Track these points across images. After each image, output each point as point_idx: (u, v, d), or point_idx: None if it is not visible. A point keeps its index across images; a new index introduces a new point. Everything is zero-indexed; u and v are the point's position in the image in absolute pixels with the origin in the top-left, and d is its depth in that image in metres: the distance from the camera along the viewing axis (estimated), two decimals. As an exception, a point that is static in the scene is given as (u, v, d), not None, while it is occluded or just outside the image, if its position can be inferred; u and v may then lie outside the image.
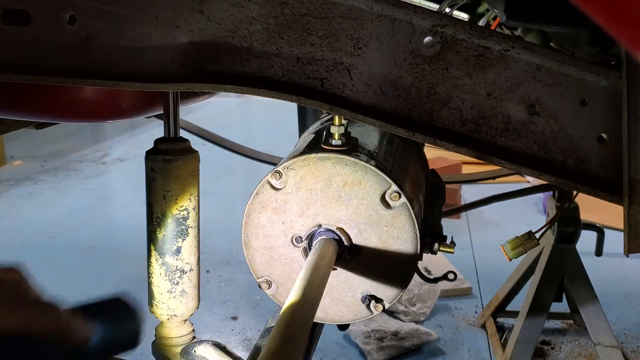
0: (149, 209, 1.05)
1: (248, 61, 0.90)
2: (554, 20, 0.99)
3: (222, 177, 4.75)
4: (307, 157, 0.94)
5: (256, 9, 0.88)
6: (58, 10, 0.88)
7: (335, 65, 0.89)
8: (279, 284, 0.99)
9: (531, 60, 0.88)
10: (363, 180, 0.93)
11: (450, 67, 0.88)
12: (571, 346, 2.55)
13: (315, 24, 0.88)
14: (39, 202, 4.44)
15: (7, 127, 1.55)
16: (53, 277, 3.10)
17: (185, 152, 1.03)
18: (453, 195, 3.94)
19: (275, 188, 0.95)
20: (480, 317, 2.71)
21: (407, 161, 1.13)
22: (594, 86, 0.88)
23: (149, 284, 1.09)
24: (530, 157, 0.91)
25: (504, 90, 0.89)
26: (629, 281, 3.11)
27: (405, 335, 2.50)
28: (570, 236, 2.29)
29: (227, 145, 2.66)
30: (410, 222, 0.93)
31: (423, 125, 0.90)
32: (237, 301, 2.91)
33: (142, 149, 1.14)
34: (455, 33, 0.87)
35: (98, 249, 3.52)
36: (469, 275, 3.10)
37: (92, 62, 0.90)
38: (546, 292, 2.32)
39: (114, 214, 4.29)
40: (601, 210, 2.74)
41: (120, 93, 1.20)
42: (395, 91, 0.90)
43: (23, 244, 3.56)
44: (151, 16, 0.88)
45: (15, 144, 5.68)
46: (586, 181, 0.91)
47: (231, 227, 1.51)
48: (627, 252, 0.90)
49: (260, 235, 0.98)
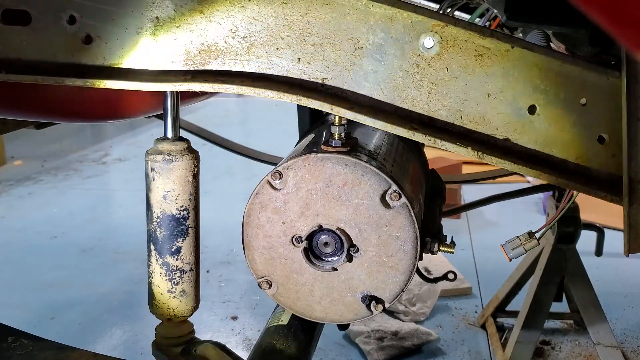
0: (149, 209, 1.05)
1: (248, 61, 0.90)
2: (554, 20, 0.99)
3: (222, 177, 4.75)
4: (307, 157, 0.94)
5: (256, 9, 0.88)
6: (58, 10, 0.88)
7: (335, 65, 0.89)
8: (279, 284, 0.99)
9: (531, 60, 0.88)
10: (363, 180, 0.93)
11: (450, 67, 0.89)
12: (571, 346, 2.55)
13: (315, 24, 0.88)
14: (39, 202, 4.44)
15: (7, 127, 1.55)
16: (53, 277, 3.11)
17: (185, 152, 1.03)
18: (453, 195, 3.94)
19: (276, 188, 0.95)
20: (480, 317, 2.71)
21: (407, 161, 1.13)
22: (594, 86, 0.88)
23: (149, 284, 1.09)
24: (530, 157, 0.91)
25: (504, 90, 0.89)
26: (629, 281, 3.11)
27: (405, 335, 2.50)
28: (570, 236, 2.29)
29: (227, 145, 2.66)
30: (410, 222, 0.93)
31: (423, 125, 0.90)
32: (237, 301, 2.91)
33: (142, 149, 1.14)
34: (455, 33, 0.87)
35: (98, 249, 3.52)
36: (469, 275, 3.10)
37: (92, 62, 0.90)
38: (546, 292, 2.32)
39: (114, 214, 4.29)
40: (601, 210, 2.75)
41: (120, 93, 1.20)
42: (395, 91, 0.90)
43: (23, 244, 3.56)
44: (151, 16, 0.89)
45: (15, 144, 5.68)
46: (586, 181, 0.91)
47: (231, 227, 1.51)
48: (627, 252, 0.90)
49: (260, 235, 0.98)
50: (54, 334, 2.49)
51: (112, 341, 2.57)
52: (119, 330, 2.65)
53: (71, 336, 2.57)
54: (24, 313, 2.72)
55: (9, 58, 0.90)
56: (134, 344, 2.53)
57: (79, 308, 2.83)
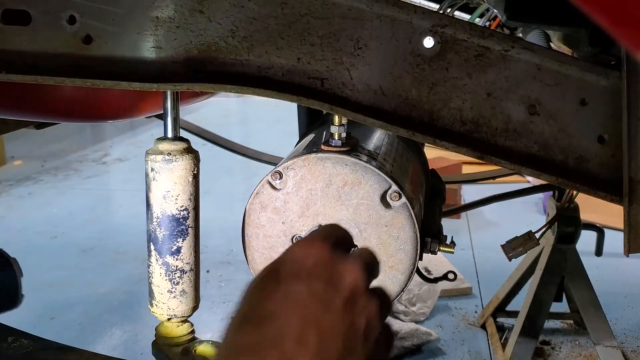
0: (149, 209, 1.05)
1: (248, 61, 0.90)
2: (554, 20, 0.99)
3: (222, 177, 4.75)
4: (307, 157, 0.94)
5: (256, 9, 0.88)
6: (58, 10, 0.88)
7: (335, 65, 0.89)
8: (279, 284, 0.99)
9: (531, 60, 0.88)
10: (363, 180, 0.93)
11: (450, 67, 0.89)
12: (571, 346, 2.55)
13: (315, 24, 0.88)
14: (39, 202, 4.44)
15: (7, 127, 1.55)
16: (53, 277, 3.10)
17: (185, 152, 1.03)
18: (453, 195, 3.93)
19: (276, 188, 0.95)
20: (480, 317, 2.71)
21: (407, 161, 1.13)
22: (594, 86, 0.88)
23: (149, 284, 1.09)
24: (530, 157, 0.91)
25: (504, 90, 0.89)
26: (629, 281, 3.10)
27: (405, 335, 2.50)
28: (570, 236, 2.29)
29: (227, 145, 2.66)
30: (410, 222, 0.93)
31: (423, 125, 0.90)
32: (237, 301, 2.91)
33: (142, 149, 1.14)
34: (455, 33, 0.87)
35: (98, 249, 3.52)
36: (469, 275, 3.10)
37: (92, 62, 0.90)
38: (546, 292, 2.31)
39: (114, 214, 4.29)
40: (601, 210, 2.74)
41: (120, 93, 1.20)
42: (395, 91, 0.90)
43: (23, 244, 3.56)
44: (151, 16, 0.89)
45: (15, 144, 5.67)
46: (586, 181, 0.91)
47: (231, 227, 1.51)
48: (627, 252, 0.90)
49: (261, 235, 0.98)
50: (54, 334, 2.48)
51: (112, 341, 2.57)
52: (119, 330, 2.65)
53: (71, 336, 2.57)
54: (24, 313, 2.72)
55: (9, 58, 0.90)
56: (134, 344, 2.53)
57: (79, 308, 2.82)
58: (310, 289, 0.59)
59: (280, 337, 0.55)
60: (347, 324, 0.59)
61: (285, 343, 0.55)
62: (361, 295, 0.62)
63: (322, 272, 0.61)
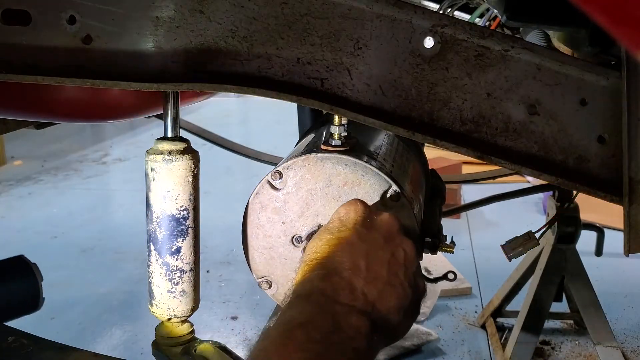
0: (149, 209, 1.05)
1: (248, 61, 0.90)
2: (554, 20, 0.99)
3: (222, 177, 4.74)
4: (307, 157, 0.94)
5: (256, 9, 0.88)
6: (58, 10, 0.88)
7: (335, 65, 0.89)
8: (279, 284, 0.99)
9: (531, 60, 0.88)
10: (363, 180, 0.93)
11: (450, 67, 0.88)
12: (571, 346, 2.55)
13: (315, 24, 0.88)
14: (39, 202, 4.44)
15: (7, 127, 1.55)
16: (53, 277, 3.10)
17: (185, 152, 1.03)
18: (453, 195, 3.93)
19: (276, 188, 0.95)
20: (480, 317, 2.71)
21: (407, 161, 1.13)
22: (594, 86, 0.88)
23: (149, 284, 1.08)
24: (530, 157, 0.91)
25: (504, 90, 0.89)
26: (629, 281, 3.10)
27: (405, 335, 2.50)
28: (570, 236, 2.29)
29: (227, 145, 2.66)
30: (410, 222, 0.93)
31: (423, 125, 0.90)
32: (237, 301, 2.91)
33: (142, 149, 1.14)
34: (455, 33, 0.87)
35: (98, 249, 3.52)
36: (469, 275, 3.10)
37: (92, 62, 0.90)
38: (546, 292, 2.32)
39: (114, 214, 4.29)
40: (601, 210, 2.75)
41: (120, 93, 1.20)
42: (395, 91, 0.90)
43: (23, 244, 3.55)
44: (151, 16, 0.88)
45: (15, 144, 5.68)
46: (586, 181, 0.91)
47: (231, 227, 1.51)
48: (627, 252, 0.90)
49: (260, 235, 0.98)
50: (54, 334, 2.48)
51: (112, 341, 2.57)
52: (119, 330, 2.65)
53: (71, 336, 2.57)
54: (24, 313, 2.72)
55: (9, 58, 0.90)
56: (134, 344, 2.53)
57: (79, 308, 2.83)
58: (357, 233, 0.80)
59: (340, 267, 0.76)
60: (388, 254, 0.79)
61: (343, 272, 0.75)
62: (397, 233, 0.83)
63: (364, 220, 0.82)
